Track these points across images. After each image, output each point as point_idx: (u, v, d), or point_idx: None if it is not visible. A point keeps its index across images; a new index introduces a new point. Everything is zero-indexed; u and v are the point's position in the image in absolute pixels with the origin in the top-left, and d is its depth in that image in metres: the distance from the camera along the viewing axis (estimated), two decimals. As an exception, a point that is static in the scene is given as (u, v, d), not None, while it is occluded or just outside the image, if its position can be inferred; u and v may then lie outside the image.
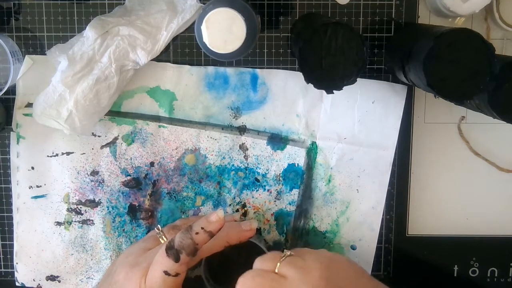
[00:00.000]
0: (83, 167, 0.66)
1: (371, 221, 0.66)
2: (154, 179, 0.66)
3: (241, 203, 0.67)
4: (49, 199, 0.66)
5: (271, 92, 0.65)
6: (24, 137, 0.65)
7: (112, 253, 0.67)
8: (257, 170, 0.66)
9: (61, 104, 0.60)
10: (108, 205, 0.66)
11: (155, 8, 0.62)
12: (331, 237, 0.67)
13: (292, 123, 0.65)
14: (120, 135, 0.65)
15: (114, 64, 0.60)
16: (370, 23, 0.64)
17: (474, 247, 0.68)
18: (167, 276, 0.52)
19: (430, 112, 0.66)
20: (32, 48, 0.64)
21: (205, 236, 0.53)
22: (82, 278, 0.67)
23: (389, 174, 0.66)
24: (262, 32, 0.64)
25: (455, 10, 0.58)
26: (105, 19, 0.61)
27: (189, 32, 0.64)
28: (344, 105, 0.65)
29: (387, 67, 0.64)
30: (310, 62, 0.52)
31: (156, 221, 0.67)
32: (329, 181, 0.66)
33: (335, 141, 0.65)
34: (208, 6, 0.53)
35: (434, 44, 0.50)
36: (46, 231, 0.66)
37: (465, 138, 0.66)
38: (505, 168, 0.67)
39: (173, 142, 0.65)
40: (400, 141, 0.65)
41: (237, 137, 0.65)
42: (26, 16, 0.64)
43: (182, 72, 0.64)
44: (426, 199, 0.68)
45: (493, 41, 0.63)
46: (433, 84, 0.51)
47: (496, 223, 0.68)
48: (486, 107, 0.53)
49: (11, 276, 0.68)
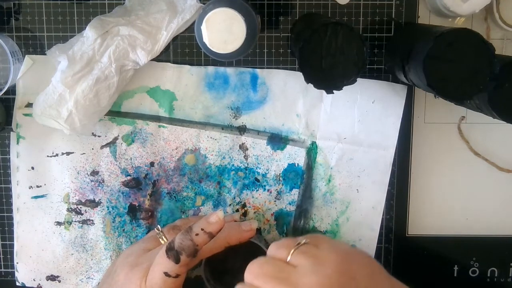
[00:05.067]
0: (83, 167, 0.66)
1: (371, 221, 0.66)
2: (154, 179, 0.66)
3: (241, 203, 0.67)
4: (49, 199, 0.66)
5: (271, 92, 0.65)
6: (24, 137, 0.65)
7: (112, 253, 0.67)
8: (257, 170, 0.66)
9: (61, 104, 0.60)
10: (108, 205, 0.66)
11: (155, 8, 0.62)
12: (331, 237, 0.67)
13: (292, 123, 0.65)
14: (120, 135, 0.65)
15: (114, 64, 0.60)
16: (370, 23, 0.64)
17: (474, 247, 0.68)
18: (167, 277, 0.53)
19: (430, 112, 0.66)
20: (32, 48, 0.64)
21: (205, 237, 0.53)
22: (82, 278, 0.67)
23: (389, 174, 0.65)
24: (262, 32, 0.64)
25: (455, 10, 0.58)
26: (105, 19, 0.61)
27: (189, 32, 0.63)
28: (344, 105, 0.65)
29: (387, 67, 0.64)
30: (310, 62, 0.52)
31: (156, 221, 0.67)
32: (329, 181, 0.66)
33: (335, 141, 0.65)
34: (208, 6, 0.53)
35: (434, 44, 0.50)
36: (46, 231, 0.66)
37: (465, 138, 0.66)
38: (505, 168, 0.67)
39: (173, 142, 0.65)
40: (400, 141, 0.65)
41: (237, 137, 0.65)
42: (26, 16, 0.64)
43: (182, 72, 0.64)
44: (426, 199, 0.67)
45: (493, 41, 0.63)
46: (433, 84, 0.51)
47: (496, 223, 0.68)
48: (486, 107, 0.53)
49: (11, 276, 0.68)
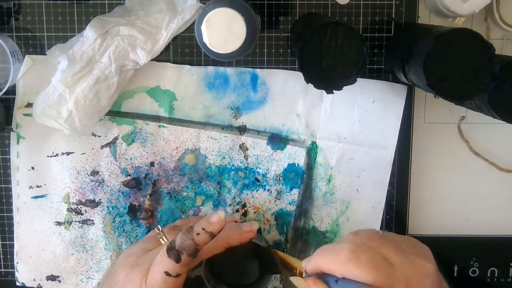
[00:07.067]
0: (83, 167, 0.66)
1: (371, 221, 0.66)
2: (154, 179, 0.66)
3: (241, 203, 0.67)
4: (49, 199, 0.66)
5: (271, 92, 0.65)
6: (24, 137, 0.65)
7: (112, 253, 0.67)
8: (257, 170, 0.66)
9: (61, 104, 0.60)
10: (108, 205, 0.66)
11: (155, 8, 0.62)
12: (331, 237, 0.67)
13: (292, 123, 0.65)
14: (120, 135, 0.65)
15: (114, 64, 0.60)
16: (370, 23, 0.64)
17: (474, 247, 0.68)
18: (168, 276, 0.52)
19: (430, 112, 0.66)
20: (32, 48, 0.64)
21: (206, 237, 0.53)
22: (82, 278, 0.67)
23: (389, 174, 0.66)
24: (262, 32, 0.64)
25: (455, 10, 0.58)
26: (105, 19, 0.61)
27: (189, 32, 0.63)
28: (344, 105, 0.65)
29: (387, 67, 0.64)
30: (310, 62, 0.52)
31: (156, 221, 0.67)
32: (329, 181, 0.66)
33: (335, 141, 0.65)
34: (208, 6, 0.53)
35: (434, 44, 0.50)
36: (46, 231, 0.66)
37: (465, 138, 0.66)
38: (505, 168, 0.67)
39: (173, 142, 0.65)
40: (400, 141, 0.65)
41: (237, 137, 0.65)
42: (26, 16, 0.64)
43: (182, 72, 0.64)
44: (426, 199, 0.68)
45: (493, 41, 0.63)
46: (433, 84, 0.51)
47: (496, 223, 0.68)
48: (486, 107, 0.53)
49: (11, 276, 0.68)
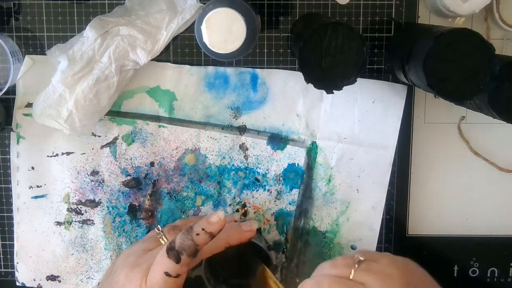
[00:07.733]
0: (83, 167, 0.66)
1: (371, 221, 0.66)
2: (154, 179, 0.66)
3: (241, 203, 0.67)
4: (49, 199, 0.66)
5: (271, 92, 0.65)
6: (24, 137, 0.65)
7: (112, 253, 0.67)
8: (257, 170, 0.66)
9: (61, 104, 0.60)
10: (108, 205, 0.66)
11: (155, 8, 0.62)
12: (331, 237, 0.67)
13: (292, 123, 0.65)
14: (120, 135, 0.65)
15: (114, 64, 0.60)
16: (370, 23, 0.64)
17: (474, 247, 0.68)
18: (168, 277, 0.52)
19: (430, 112, 0.66)
20: (32, 48, 0.64)
21: (206, 237, 0.53)
22: (82, 278, 0.67)
23: (389, 174, 0.65)
24: (262, 32, 0.64)
25: (455, 10, 0.58)
26: (105, 19, 0.61)
27: (189, 32, 0.63)
28: (344, 105, 0.65)
29: (387, 67, 0.64)
30: (310, 62, 0.52)
31: (156, 221, 0.67)
32: (329, 181, 0.66)
33: (335, 141, 0.65)
34: (208, 6, 0.53)
35: (434, 44, 0.50)
36: (46, 231, 0.66)
37: (465, 138, 0.66)
38: (505, 168, 0.67)
39: (173, 142, 0.65)
40: (400, 141, 0.65)
41: (237, 137, 0.65)
42: (26, 16, 0.64)
43: (182, 72, 0.64)
44: (426, 199, 0.67)
45: (493, 41, 0.63)
46: (433, 84, 0.51)
47: (496, 223, 0.68)
48: (486, 107, 0.53)
49: (11, 276, 0.68)
